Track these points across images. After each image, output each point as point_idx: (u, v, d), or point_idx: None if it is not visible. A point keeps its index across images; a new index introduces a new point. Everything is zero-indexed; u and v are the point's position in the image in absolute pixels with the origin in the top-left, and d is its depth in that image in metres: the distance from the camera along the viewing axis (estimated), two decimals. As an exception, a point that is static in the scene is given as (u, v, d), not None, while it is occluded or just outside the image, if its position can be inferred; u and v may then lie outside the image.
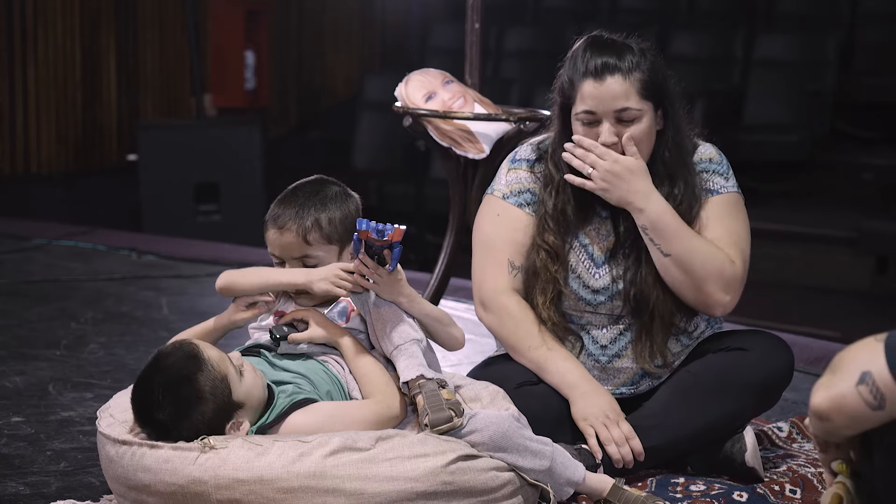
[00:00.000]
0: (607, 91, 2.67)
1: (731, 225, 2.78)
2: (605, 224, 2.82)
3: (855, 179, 7.56)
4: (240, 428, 2.40)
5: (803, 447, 3.01)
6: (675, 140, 2.77)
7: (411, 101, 3.68)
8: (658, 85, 2.72)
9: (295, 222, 2.63)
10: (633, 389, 2.83)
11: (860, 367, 1.79)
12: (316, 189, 2.69)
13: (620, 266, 2.79)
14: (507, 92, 7.81)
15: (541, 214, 2.80)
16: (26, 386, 3.51)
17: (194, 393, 2.35)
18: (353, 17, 9.37)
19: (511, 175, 2.87)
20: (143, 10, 7.89)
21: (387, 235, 2.52)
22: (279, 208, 2.66)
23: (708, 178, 2.81)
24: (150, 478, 2.35)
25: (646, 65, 2.70)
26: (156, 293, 4.88)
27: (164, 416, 2.35)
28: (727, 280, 2.72)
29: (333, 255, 2.66)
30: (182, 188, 6.90)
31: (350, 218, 2.67)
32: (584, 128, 2.72)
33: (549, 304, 2.79)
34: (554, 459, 2.47)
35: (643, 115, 2.70)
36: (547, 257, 2.78)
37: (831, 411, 1.82)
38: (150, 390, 2.36)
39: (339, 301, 2.70)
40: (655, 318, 2.77)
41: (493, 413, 2.47)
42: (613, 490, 2.53)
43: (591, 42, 2.73)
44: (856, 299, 6.39)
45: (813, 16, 8.33)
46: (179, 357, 2.38)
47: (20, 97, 7.20)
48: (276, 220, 2.65)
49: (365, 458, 2.31)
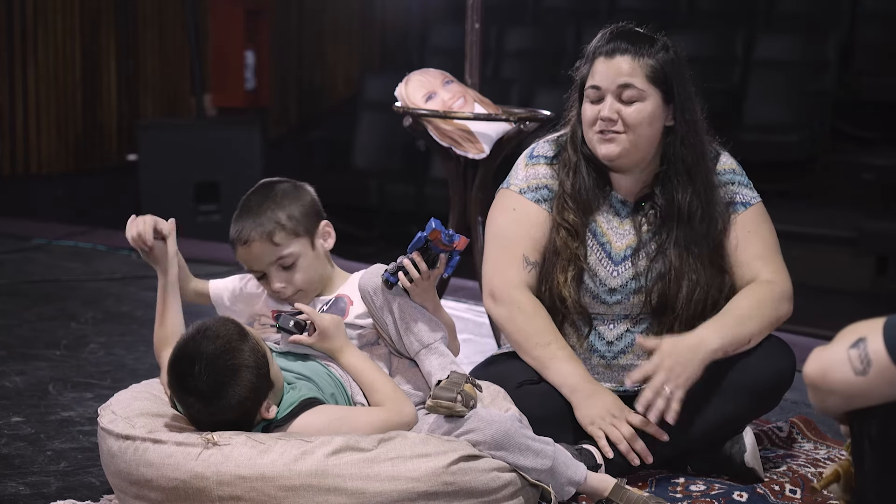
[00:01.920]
0: (614, 67, 2.72)
1: (767, 237, 2.85)
2: (624, 223, 2.83)
3: (855, 179, 7.56)
4: (270, 410, 2.41)
5: (803, 447, 3.01)
6: (690, 140, 2.78)
7: (411, 101, 3.68)
8: (670, 76, 2.74)
9: (256, 231, 2.65)
10: (636, 387, 2.83)
11: (857, 335, 1.84)
12: (265, 193, 2.71)
13: (643, 264, 2.80)
14: (507, 92, 7.81)
15: (560, 195, 2.82)
16: (26, 386, 3.51)
17: (240, 361, 2.35)
18: (353, 17, 9.37)
19: (529, 170, 2.87)
20: (143, 10, 7.89)
21: (454, 242, 2.57)
22: (237, 225, 2.68)
23: (736, 191, 2.85)
24: (153, 473, 2.35)
25: (662, 55, 2.74)
26: (155, 293, 4.87)
27: (205, 387, 2.34)
28: (782, 302, 2.79)
29: (307, 246, 2.69)
30: (182, 188, 6.89)
31: (309, 206, 2.70)
32: (591, 105, 2.75)
33: (570, 281, 2.79)
34: (556, 459, 2.47)
35: (646, 97, 2.72)
36: (567, 235, 2.80)
37: (818, 375, 1.87)
38: (192, 360, 2.35)
39: (337, 296, 2.71)
40: (676, 320, 2.78)
41: (494, 412, 2.47)
42: (615, 490, 2.53)
43: (614, 28, 2.80)
44: (856, 299, 6.38)
45: (813, 16, 8.32)
46: (227, 328, 2.40)
47: (20, 97, 7.20)
48: (239, 237, 2.67)
49: (367, 458, 2.31)
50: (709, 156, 2.83)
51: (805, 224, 6.90)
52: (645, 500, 2.49)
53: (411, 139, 7.25)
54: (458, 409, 2.41)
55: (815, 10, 8.38)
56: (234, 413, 2.37)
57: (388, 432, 2.41)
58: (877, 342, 1.81)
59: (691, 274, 2.77)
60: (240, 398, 2.35)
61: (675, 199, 2.78)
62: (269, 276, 2.68)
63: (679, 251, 2.78)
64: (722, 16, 8.55)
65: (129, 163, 7.49)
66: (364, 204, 8.18)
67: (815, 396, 1.93)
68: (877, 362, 1.81)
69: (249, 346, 2.38)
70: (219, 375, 2.34)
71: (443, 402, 2.42)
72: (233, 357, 2.35)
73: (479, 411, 2.45)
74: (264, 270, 2.69)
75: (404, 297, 2.63)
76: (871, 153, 7.71)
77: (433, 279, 2.63)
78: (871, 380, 1.82)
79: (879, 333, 1.81)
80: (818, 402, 1.94)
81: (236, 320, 2.47)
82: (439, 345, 2.63)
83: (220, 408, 2.36)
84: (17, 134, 7.21)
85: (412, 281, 2.59)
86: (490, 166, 3.72)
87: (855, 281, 6.70)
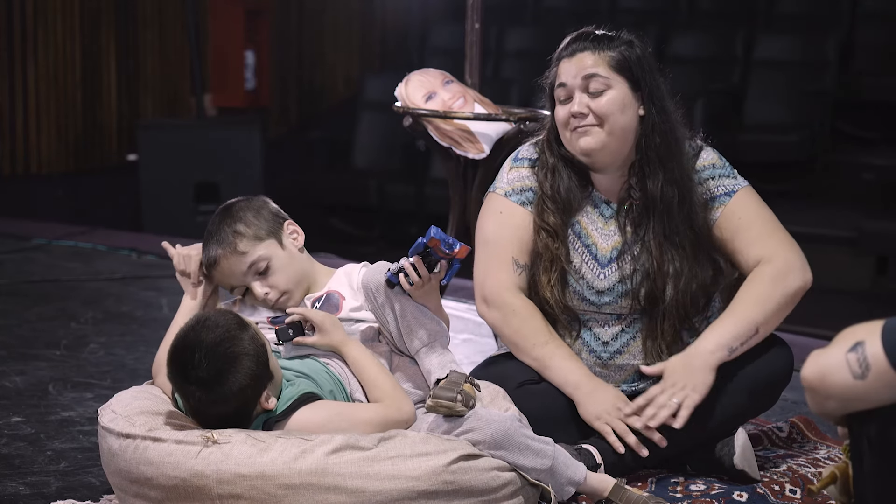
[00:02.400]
0: (577, 63, 2.75)
1: (764, 215, 2.83)
2: (609, 223, 2.83)
3: (855, 179, 7.55)
4: (268, 401, 2.42)
5: (803, 447, 3.01)
6: (661, 126, 2.77)
7: (411, 101, 3.68)
8: (634, 65, 2.75)
9: (220, 248, 2.68)
10: (633, 387, 2.83)
11: (855, 339, 1.84)
12: (220, 214, 2.74)
13: (629, 266, 2.79)
14: (507, 92, 7.80)
15: (539, 197, 2.82)
16: (26, 386, 3.51)
17: (240, 349, 2.36)
18: (353, 17, 9.37)
19: (513, 173, 2.87)
20: (143, 10, 7.89)
21: (454, 250, 2.58)
22: (204, 253, 2.72)
23: (717, 184, 2.83)
24: (153, 471, 2.35)
25: (624, 48, 2.76)
26: (156, 293, 4.88)
27: (206, 374, 2.35)
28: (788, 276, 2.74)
29: (275, 248, 2.71)
30: (182, 188, 6.90)
31: (265, 211, 2.73)
32: (561, 106, 2.77)
33: (554, 283, 2.79)
34: (555, 459, 2.47)
35: (612, 85, 2.74)
36: (547, 237, 2.80)
37: (816, 379, 1.87)
38: (192, 349, 2.36)
39: (328, 292, 2.72)
40: (667, 317, 2.78)
41: (494, 412, 2.47)
42: (615, 490, 2.53)
43: (575, 33, 2.82)
44: (856, 299, 6.38)
45: (813, 16, 8.32)
46: (226, 318, 2.41)
47: (20, 97, 7.20)
48: (208, 261, 2.71)
49: (367, 457, 2.31)
50: (683, 145, 2.82)
51: (805, 224, 6.88)
52: (644, 500, 2.49)
53: (411, 139, 7.25)
54: (458, 408, 2.42)
55: (815, 10, 8.38)
56: (235, 401, 2.38)
57: (389, 431, 2.41)
58: (875, 346, 1.81)
59: (673, 263, 2.76)
60: (241, 385, 2.36)
61: (648, 187, 2.77)
62: (251, 287, 2.69)
63: (658, 241, 2.77)
64: (722, 16, 8.54)
65: (129, 163, 7.49)
66: (364, 204, 8.18)
67: (813, 400, 1.93)
68: (875, 366, 1.80)
69: (249, 335, 2.40)
70: (219, 363, 2.35)
71: (443, 401, 2.42)
72: (233, 345, 2.37)
73: (479, 411, 2.45)
74: (244, 284, 2.70)
75: (406, 296, 2.63)
76: (871, 153, 7.71)
77: (434, 283, 2.64)
78: (869, 384, 1.82)
79: (878, 337, 1.81)
80: (816, 406, 1.94)
81: (235, 312, 2.48)
82: (439, 344, 2.63)
83: (222, 395, 2.36)
84: (17, 134, 7.21)
85: (412, 284, 2.59)
86: (490, 166, 3.71)
87: (855, 281, 6.70)
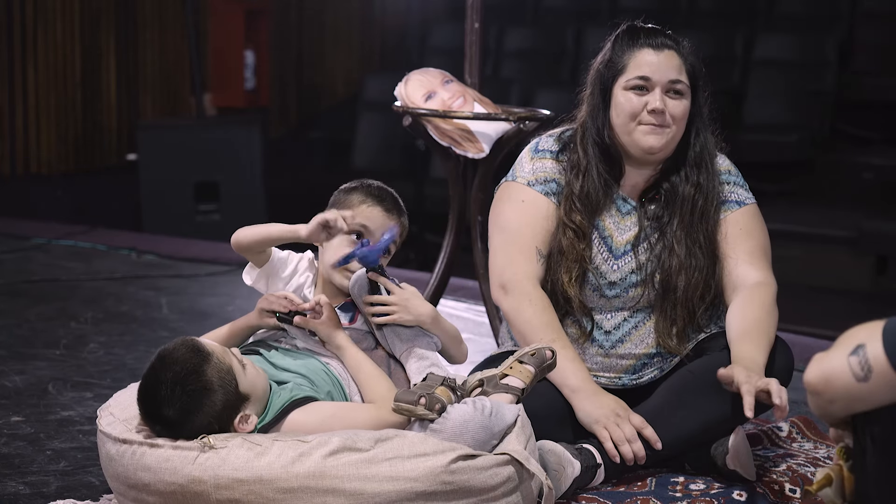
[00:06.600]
0: (666, 60, 2.77)
1: (760, 237, 2.89)
2: (626, 219, 2.85)
3: (855, 179, 7.55)
4: (248, 422, 2.40)
5: (803, 447, 3.01)
6: (702, 133, 2.85)
7: (411, 100, 3.68)
8: (697, 76, 2.82)
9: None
10: (634, 379, 2.83)
11: (856, 341, 1.85)
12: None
13: (644, 255, 2.83)
14: (507, 92, 7.80)
15: (567, 195, 2.84)
16: (26, 386, 3.51)
17: (203, 385, 2.35)
18: (353, 17, 9.37)
19: (536, 164, 2.88)
20: (143, 10, 7.89)
21: (378, 254, 2.64)
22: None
23: (732, 190, 2.88)
24: (150, 477, 2.35)
25: (692, 56, 2.82)
26: (156, 293, 4.88)
27: (172, 412, 2.35)
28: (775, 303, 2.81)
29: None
30: (182, 188, 6.89)
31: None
32: (634, 95, 2.77)
33: (574, 282, 2.81)
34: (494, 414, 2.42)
35: (687, 94, 2.79)
36: (574, 236, 2.82)
37: (820, 383, 1.88)
38: (157, 387, 2.36)
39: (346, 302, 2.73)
40: (677, 305, 2.81)
41: (461, 406, 2.42)
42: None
43: (643, 26, 2.83)
44: (856, 299, 6.38)
45: (813, 16, 8.32)
46: (184, 352, 2.38)
47: (20, 97, 7.20)
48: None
49: (364, 459, 2.30)
50: (714, 149, 2.88)
51: (805, 224, 6.90)
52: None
53: (411, 139, 7.25)
54: (420, 412, 2.38)
55: (814, 10, 8.38)
56: (208, 430, 2.36)
57: (385, 431, 2.40)
58: (876, 348, 1.81)
59: (692, 258, 2.81)
60: (209, 419, 2.36)
61: (681, 188, 2.82)
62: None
63: (681, 236, 2.82)
64: (722, 16, 8.55)
65: (129, 163, 7.48)
66: (364, 204, 8.16)
67: (816, 403, 1.93)
68: (877, 368, 1.81)
69: (211, 365, 2.37)
70: (183, 400, 2.34)
71: (403, 405, 2.40)
72: (194, 381, 2.35)
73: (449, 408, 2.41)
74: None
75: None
76: (871, 153, 7.71)
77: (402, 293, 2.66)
78: (872, 386, 1.82)
79: (878, 339, 1.81)
80: (819, 409, 1.94)
81: (196, 340, 2.43)
82: (420, 347, 2.62)
83: (191, 430, 2.35)
84: (17, 134, 7.21)
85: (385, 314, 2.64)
86: (490, 166, 3.72)
87: (855, 281, 6.70)
